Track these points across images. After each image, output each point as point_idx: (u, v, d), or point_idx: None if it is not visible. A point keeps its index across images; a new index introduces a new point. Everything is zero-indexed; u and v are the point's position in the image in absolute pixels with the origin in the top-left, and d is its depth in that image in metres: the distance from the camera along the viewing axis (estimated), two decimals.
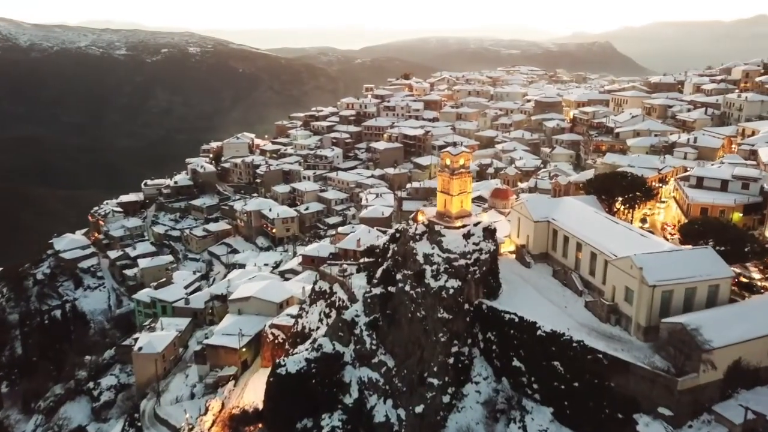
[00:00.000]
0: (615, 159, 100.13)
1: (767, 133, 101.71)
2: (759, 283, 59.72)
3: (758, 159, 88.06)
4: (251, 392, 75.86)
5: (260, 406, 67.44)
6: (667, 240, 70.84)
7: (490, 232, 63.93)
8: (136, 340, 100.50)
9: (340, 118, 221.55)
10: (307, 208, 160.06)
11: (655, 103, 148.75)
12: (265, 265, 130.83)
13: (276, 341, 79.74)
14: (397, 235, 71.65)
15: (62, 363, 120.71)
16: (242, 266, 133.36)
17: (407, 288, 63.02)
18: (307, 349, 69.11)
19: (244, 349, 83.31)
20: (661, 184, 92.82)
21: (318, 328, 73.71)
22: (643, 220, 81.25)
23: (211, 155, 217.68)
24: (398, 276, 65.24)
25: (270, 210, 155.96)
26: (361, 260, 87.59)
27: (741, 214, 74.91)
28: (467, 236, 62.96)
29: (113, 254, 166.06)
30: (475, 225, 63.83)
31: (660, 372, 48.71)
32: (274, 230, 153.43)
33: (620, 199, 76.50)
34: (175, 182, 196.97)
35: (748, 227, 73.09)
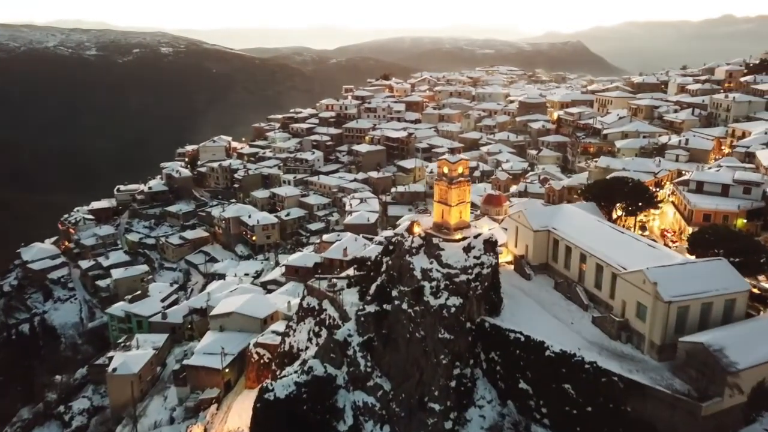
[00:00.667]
0: (609, 162, 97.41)
1: (761, 134, 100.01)
2: None
3: (756, 162, 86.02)
4: (235, 416, 71.04)
5: None
6: (669, 247, 68.19)
7: (491, 245, 60.12)
8: (110, 359, 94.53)
9: (319, 119, 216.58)
10: (288, 214, 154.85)
11: (641, 104, 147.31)
12: (246, 275, 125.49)
13: (261, 361, 74.91)
14: (391, 247, 67.50)
15: (31, 383, 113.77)
16: (222, 276, 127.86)
17: (404, 306, 58.88)
18: (296, 372, 64.51)
19: (227, 370, 78.24)
20: (656, 189, 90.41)
21: (307, 348, 69.10)
22: (643, 228, 78.51)
23: (186, 159, 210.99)
24: (394, 293, 61.04)
25: (249, 216, 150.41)
26: (350, 273, 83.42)
27: (745, 220, 72.63)
28: (468, 249, 59.09)
29: (85, 264, 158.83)
30: (476, 237, 59.98)
31: (681, 396, 45.42)
32: (254, 238, 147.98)
33: (620, 206, 73.66)
34: (150, 187, 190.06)
35: (751, 233, 70.81)
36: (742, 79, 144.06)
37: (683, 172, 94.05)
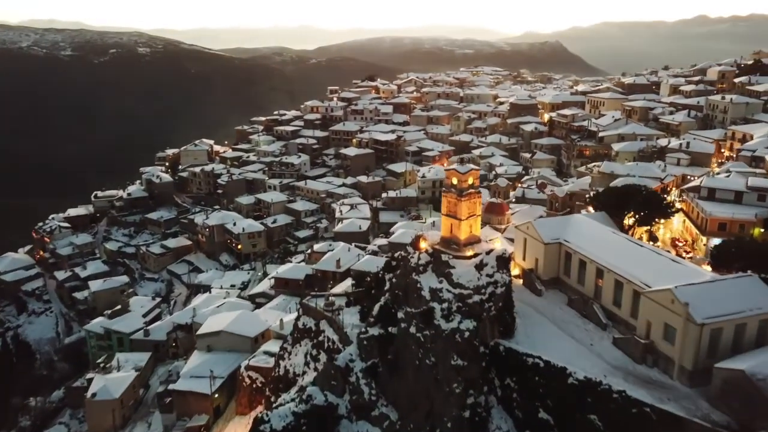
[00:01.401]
0: (612, 168, 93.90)
1: (765, 137, 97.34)
2: None
3: (766, 166, 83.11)
4: None
5: None
6: (683, 258, 64.72)
7: (504, 261, 55.83)
8: (89, 381, 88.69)
9: (304, 122, 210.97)
10: (274, 221, 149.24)
11: (635, 105, 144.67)
12: (232, 286, 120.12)
13: (254, 385, 69.82)
14: (394, 263, 62.94)
15: (3, 406, 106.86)
16: (206, 288, 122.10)
17: (412, 329, 54.30)
18: (293, 400, 59.67)
19: (216, 395, 72.94)
20: (663, 195, 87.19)
21: (304, 372, 64.24)
22: (654, 238, 74.85)
23: (166, 163, 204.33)
24: (400, 314, 56.50)
25: (234, 224, 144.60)
26: (346, 287, 78.70)
27: (762, 229, 69.45)
28: (480, 267, 54.66)
29: (61, 275, 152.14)
30: (488, 253, 55.59)
31: (722, 430, 41.51)
32: (239, 246, 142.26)
33: (632, 215, 69.93)
34: (129, 194, 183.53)
35: (751, 239, 67.63)
36: (737, 80, 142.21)
37: (689, 178, 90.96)
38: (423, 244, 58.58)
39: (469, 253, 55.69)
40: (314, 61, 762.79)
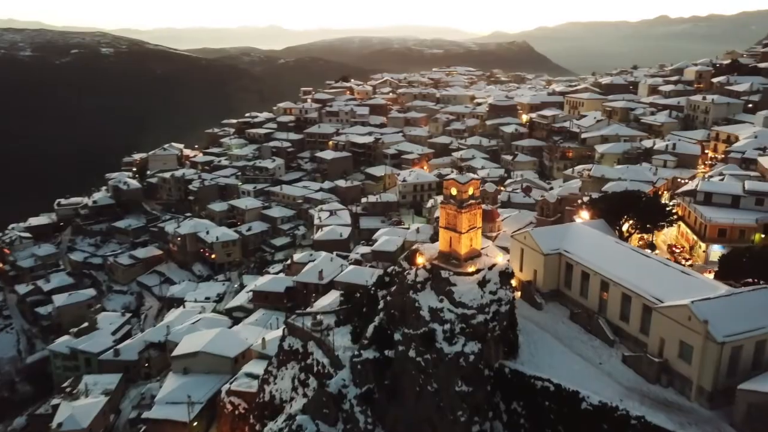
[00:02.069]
0: (603, 171, 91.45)
1: (752, 138, 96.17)
2: None
3: (760, 168, 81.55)
4: None
5: None
6: (682, 265, 62.21)
7: (507, 276, 52.22)
8: (54, 407, 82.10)
9: (278, 124, 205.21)
10: (249, 229, 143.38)
11: (616, 106, 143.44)
12: (207, 299, 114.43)
13: (236, 412, 64.82)
14: (387, 279, 58.83)
15: None
16: (179, 301, 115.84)
17: (412, 353, 50.23)
18: (281, 429, 55.21)
19: (195, 423, 67.65)
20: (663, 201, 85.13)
21: (292, 398, 59.60)
22: (652, 246, 72.26)
23: (134, 169, 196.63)
24: (397, 336, 52.37)
25: (207, 233, 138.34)
26: (331, 300, 74.41)
27: (763, 235, 67.48)
28: (483, 283, 50.90)
29: (22, 289, 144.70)
30: (490, 268, 51.86)
31: None
32: (213, 256, 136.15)
33: (632, 222, 67.22)
34: (94, 201, 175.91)
35: (761, 247, 65.63)
36: (715, 80, 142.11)
37: (680, 181, 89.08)
38: (420, 259, 54.53)
39: (471, 268, 51.86)
40: (283, 61, 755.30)
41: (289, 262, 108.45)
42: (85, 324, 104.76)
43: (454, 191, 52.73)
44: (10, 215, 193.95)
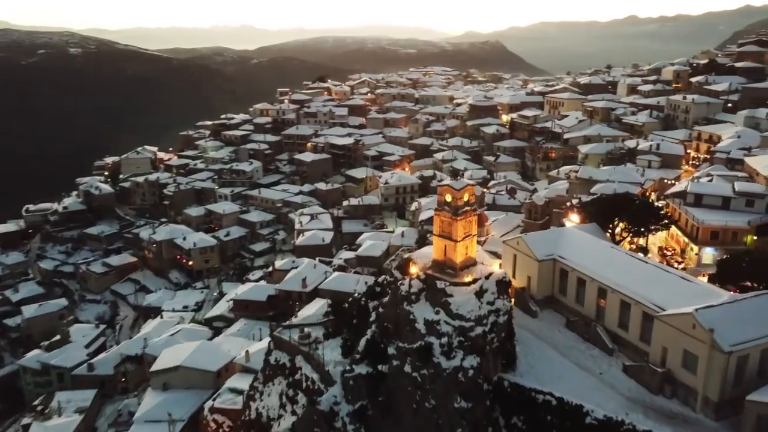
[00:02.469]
0: (591, 173, 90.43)
1: (735, 138, 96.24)
2: None
3: (747, 169, 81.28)
4: None
5: None
6: (675, 268, 61.36)
7: (504, 286, 50.37)
8: (25, 427, 77.92)
9: (254, 126, 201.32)
10: (227, 234, 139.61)
11: (596, 106, 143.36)
12: (185, 308, 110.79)
13: (221, 431, 61.79)
14: (378, 289, 56.55)
15: None
16: (156, 310, 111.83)
17: (407, 368, 48.01)
18: None
19: None
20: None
21: (281, 416, 56.93)
22: (644, 250, 71.20)
23: (106, 173, 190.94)
24: (390, 350, 50.13)
25: (184, 239, 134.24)
26: (318, 312, 71.74)
27: (755, 237, 66.95)
28: (480, 294, 48.92)
29: None
30: (487, 277, 49.92)
31: None
32: (190, 263, 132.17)
33: (625, 225, 66.04)
34: (65, 207, 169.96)
35: (761, 251, 65.13)
36: (693, 80, 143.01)
37: (667, 181, 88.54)
38: (413, 269, 52.33)
39: (468, 278, 49.82)
40: (256, 61, 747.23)
41: (270, 269, 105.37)
42: (57, 336, 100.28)
43: (448, 197, 50.58)
44: None
